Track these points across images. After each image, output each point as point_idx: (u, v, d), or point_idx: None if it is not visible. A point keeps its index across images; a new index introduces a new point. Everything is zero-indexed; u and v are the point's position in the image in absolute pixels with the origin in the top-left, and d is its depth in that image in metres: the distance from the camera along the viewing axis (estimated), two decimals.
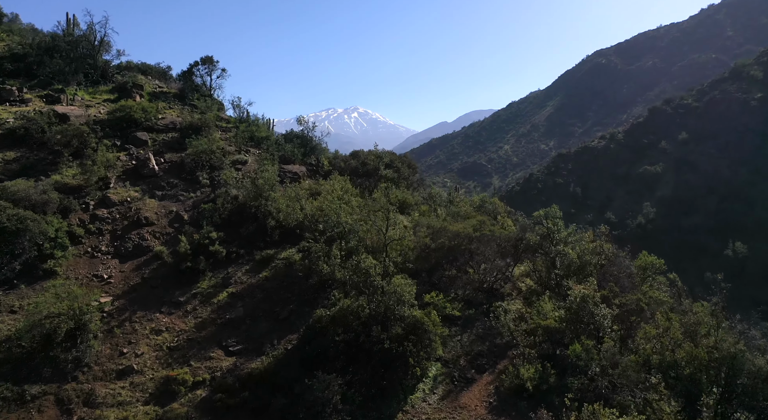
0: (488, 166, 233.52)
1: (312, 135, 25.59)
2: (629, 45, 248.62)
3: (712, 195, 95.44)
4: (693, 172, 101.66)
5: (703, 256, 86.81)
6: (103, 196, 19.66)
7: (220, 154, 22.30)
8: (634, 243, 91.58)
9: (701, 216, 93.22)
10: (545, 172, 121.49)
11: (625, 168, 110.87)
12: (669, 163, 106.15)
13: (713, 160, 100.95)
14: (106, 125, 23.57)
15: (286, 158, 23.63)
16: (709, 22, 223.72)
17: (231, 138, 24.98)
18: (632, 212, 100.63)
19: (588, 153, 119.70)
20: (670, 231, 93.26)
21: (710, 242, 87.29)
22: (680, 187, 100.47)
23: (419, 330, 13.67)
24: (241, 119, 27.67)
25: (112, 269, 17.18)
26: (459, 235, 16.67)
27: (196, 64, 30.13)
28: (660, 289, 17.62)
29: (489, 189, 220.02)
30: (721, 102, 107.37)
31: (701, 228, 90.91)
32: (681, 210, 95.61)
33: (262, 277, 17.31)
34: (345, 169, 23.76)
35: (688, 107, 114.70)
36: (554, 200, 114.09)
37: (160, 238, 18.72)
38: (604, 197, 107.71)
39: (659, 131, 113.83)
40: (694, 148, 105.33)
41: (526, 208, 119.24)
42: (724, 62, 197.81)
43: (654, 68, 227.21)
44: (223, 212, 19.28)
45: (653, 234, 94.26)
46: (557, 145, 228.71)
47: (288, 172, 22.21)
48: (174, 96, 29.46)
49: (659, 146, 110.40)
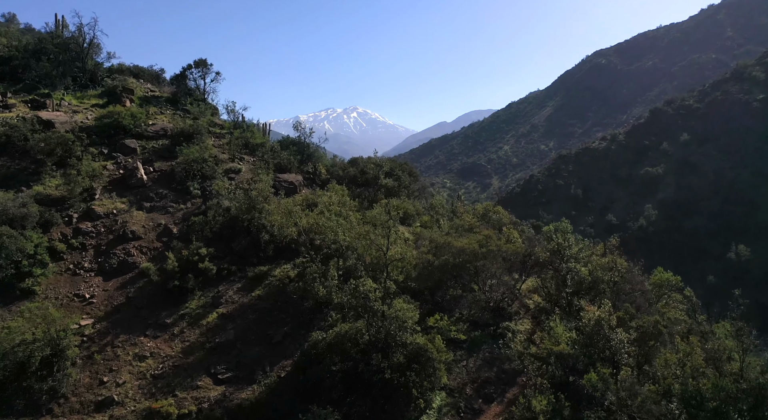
0: (488, 167, 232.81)
1: (309, 141, 24.56)
2: (629, 45, 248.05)
3: (715, 197, 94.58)
4: (695, 173, 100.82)
5: (706, 259, 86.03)
6: (88, 208, 18.63)
7: (212, 162, 21.28)
8: (636, 245, 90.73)
9: (703, 218, 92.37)
10: (546, 174, 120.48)
11: (626, 169, 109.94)
12: (670, 165, 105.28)
13: (715, 162, 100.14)
14: (93, 132, 22.52)
15: (281, 166, 22.60)
16: (709, 22, 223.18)
17: (224, 145, 23.94)
18: (633, 214, 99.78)
19: (589, 154, 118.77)
20: (672, 233, 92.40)
21: (713, 245, 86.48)
22: (682, 189, 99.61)
23: (423, 358, 12.68)
24: (236, 124, 26.64)
25: (95, 288, 16.15)
26: (464, 251, 15.68)
27: (190, 68, 29.09)
28: (677, 308, 16.66)
29: (488, 189, 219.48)
30: (723, 103, 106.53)
31: (703, 230, 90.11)
32: (683, 212, 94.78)
33: (255, 295, 16.30)
34: (343, 178, 22.77)
35: (689, 108, 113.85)
36: (555, 202, 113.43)
37: (147, 254, 17.69)
38: (605, 199, 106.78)
39: (660, 132, 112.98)
40: (695, 149, 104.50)
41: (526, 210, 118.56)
42: (724, 62, 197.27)
43: (654, 68, 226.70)
44: (215, 225, 18.27)
45: (655, 236, 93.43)
46: (557, 146, 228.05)
47: (284, 182, 21.17)
48: (166, 100, 28.42)
49: (661, 148, 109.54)
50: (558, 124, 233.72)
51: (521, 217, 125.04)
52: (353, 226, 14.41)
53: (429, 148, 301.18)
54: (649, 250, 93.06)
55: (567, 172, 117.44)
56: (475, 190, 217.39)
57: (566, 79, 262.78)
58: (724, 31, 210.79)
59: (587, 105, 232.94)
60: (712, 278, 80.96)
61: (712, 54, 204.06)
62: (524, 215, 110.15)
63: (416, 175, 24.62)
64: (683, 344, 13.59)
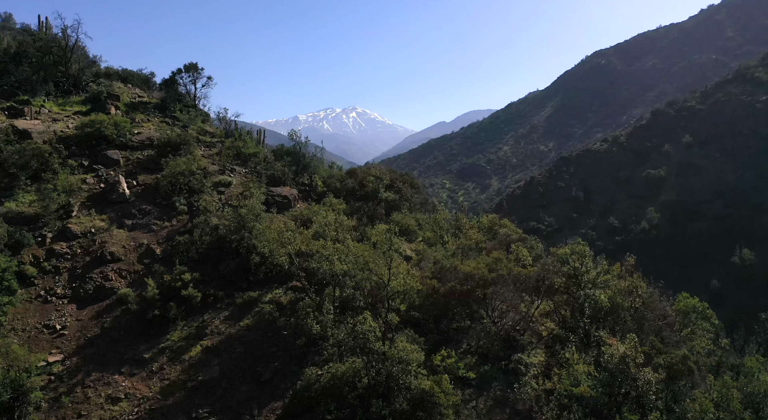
0: (487, 168, 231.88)
1: (305, 151, 23.14)
2: (629, 45, 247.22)
3: (718, 200, 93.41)
4: (697, 176, 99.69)
5: (709, 262, 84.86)
6: (64, 226, 17.20)
7: (200, 175, 19.86)
8: (639, 249, 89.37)
9: (706, 222, 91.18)
10: (546, 176, 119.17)
11: (627, 172, 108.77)
12: (673, 167, 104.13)
13: (718, 165, 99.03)
14: (73, 142, 21.10)
15: (275, 178, 21.18)
16: (709, 22, 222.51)
17: (215, 155, 22.51)
18: (636, 217, 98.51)
19: (590, 156, 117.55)
20: (675, 237, 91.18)
21: (716, 249, 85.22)
22: (685, 192, 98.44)
23: (428, 403, 11.29)
24: (227, 132, 25.20)
25: (68, 317, 14.72)
26: (472, 277, 14.31)
27: (180, 72, 27.61)
28: (703, 336, 15.32)
29: (488, 190, 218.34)
30: (726, 105, 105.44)
31: (706, 234, 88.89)
32: (686, 215, 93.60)
33: (243, 325, 14.90)
34: (341, 191, 21.36)
35: (691, 110, 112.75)
36: (556, 204, 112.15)
37: (126, 278, 16.27)
38: (607, 201, 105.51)
39: (662, 134, 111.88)
40: (698, 151, 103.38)
41: (527, 212, 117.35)
42: (724, 63, 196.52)
43: (654, 69, 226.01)
44: (201, 246, 16.86)
45: (657, 240, 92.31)
46: (557, 147, 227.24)
47: (277, 196, 19.75)
48: (155, 107, 26.96)
49: (663, 150, 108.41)
50: (558, 124, 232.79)
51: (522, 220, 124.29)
52: (351, 250, 13.03)
53: (428, 148, 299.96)
54: (652, 253, 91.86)
55: (568, 174, 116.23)
56: (475, 190, 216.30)
57: (566, 79, 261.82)
58: (724, 31, 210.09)
59: (587, 105, 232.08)
60: (716, 283, 79.76)
61: (713, 54, 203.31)
62: (525, 218, 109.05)
63: (418, 187, 23.26)
64: (717, 384, 12.26)
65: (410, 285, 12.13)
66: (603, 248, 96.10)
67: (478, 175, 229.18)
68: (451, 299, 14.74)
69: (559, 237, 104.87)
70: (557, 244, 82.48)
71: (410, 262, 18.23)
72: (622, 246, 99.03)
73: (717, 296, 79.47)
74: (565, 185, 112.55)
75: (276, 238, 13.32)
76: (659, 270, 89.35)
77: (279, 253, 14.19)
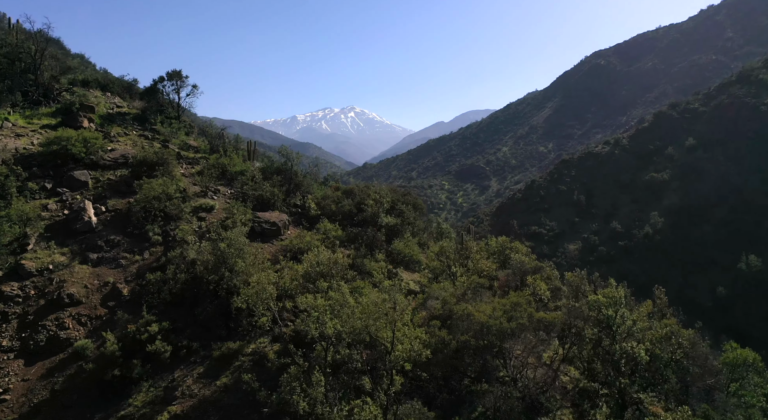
0: (486, 169, 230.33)
1: (297, 168, 20.93)
2: (628, 46, 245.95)
3: (722, 204, 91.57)
4: (701, 180, 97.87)
5: (714, 269, 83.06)
6: (16, 263, 14.96)
7: (179, 199, 17.61)
8: (642, 255, 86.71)
9: (711, 226, 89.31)
10: (548, 179, 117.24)
11: (630, 175, 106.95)
12: (676, 171, 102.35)
13: (722, 168, 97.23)
14: (36, 161, 18.84)
15: (264, 201, 18.97)
16: (709, 23, 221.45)
17: (197, 175, 20.28)
18: (639, 222, 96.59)
19: (591, 159, 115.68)
20: (679, 242, 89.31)
21: (721, 255, 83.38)
22: (688, 196, 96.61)
23: None
24: (212, 147, 22.92)
25: (12, 377, 12.49)
26: (488, 328, 12.18)
27: (162, 80, 25.33)
28: (754, 392, 13.22)
29: (487, 191, 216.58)
30: (730, 107, 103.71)
31: (711, 239, 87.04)
32: (690, 220, 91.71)
33: (221, 385, 12.69)
34: (336, 214, 19.17)
35: (694, 112, 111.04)
36: (557, 208, 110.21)
37: (86, 325, 14.05)
38: (609, 205, 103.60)
39: (665, 137, 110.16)
40: (702, 154, 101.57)
41: (528, 216, 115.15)
42: (724, 64, 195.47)
43: (653, 70, 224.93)
44: (175, 286, 14.66)
45: (661, 245, 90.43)
46: (556, 148, 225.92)
47: (265, 223, 17.53)
48: (134, 118, 24.69)
49: (665, 152, 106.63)
50: (557, 125, 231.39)
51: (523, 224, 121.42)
52: (346, 302, 10.88)
53: (427, 148, 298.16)
54: (656, 259, 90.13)
55: (569, 177, 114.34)
56: (474, 192, 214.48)
57: (565, 80, 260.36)
58: (724, 32, 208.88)
59: (586, 106, 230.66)
60: (723, 290, 77.94)
61: (713, 55, 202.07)
62: (526, 222, 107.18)
63: (422, 209, 21.07)
64: None
65: (417, 349, 9.98)
66: (605, 254, 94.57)
67: (477, 176, 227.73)
68: (464, 354, 12.60)
69: (561, 241, 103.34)
70: (559, 248, 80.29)
71: (414, 298, 16.10)
72: (625, 251, 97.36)
73: (724, 304, 77.86)
74: (567, 188, 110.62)
75: (255, 293, 11.11)
76: (663, 276, 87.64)
77: (260, 310, 12.01)
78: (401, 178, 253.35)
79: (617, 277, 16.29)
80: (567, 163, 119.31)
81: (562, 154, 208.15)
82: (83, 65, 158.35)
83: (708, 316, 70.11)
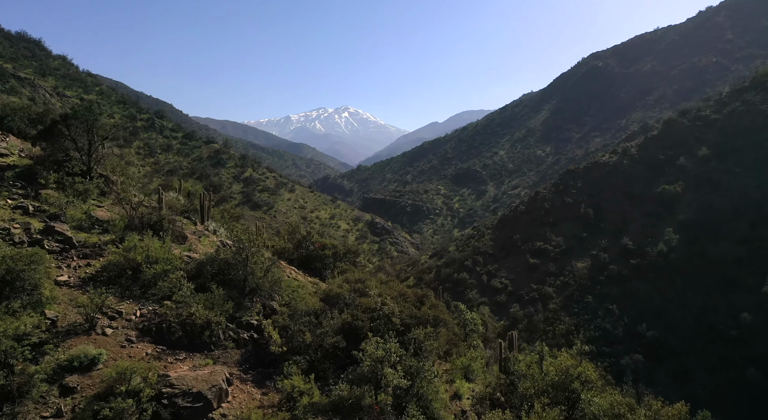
0: (483, 173, 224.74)
1: (258, 258, 13.35)
2: (626, 48, 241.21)
3: (740, 219, 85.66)
4: (717, 192, 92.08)
5: (737, 291, 76.87)
6: None
7: (28, 351, 9.70)
8: (657, 274, 79.18)
9: (730, 244, 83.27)
10: (552, 191, 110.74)
11: (640, 186, 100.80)
12: (689, 182, 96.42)
13: (739, 180, 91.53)
14: None
15: (193, 331, 11.29)
16: (709, 24, 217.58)
17: (89, 280, 12.56)
18: (652, 238, 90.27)
19: (598, 169, 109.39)
20: (695, 260, 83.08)
21: (743, 275, 77.34)
22: (704, 210, 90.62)
23: None
24: (130, 222, 14.81)
25: None
26: None
27: (64, 119, 17.26)
28: None
29: (484, 196, 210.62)
30: (745, 114, 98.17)
31: (731, 258, 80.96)
32: (706, 236, 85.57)
33: None
34: (313, 347, 11.75)
35: (706, 119, 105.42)
36: (563, 222, 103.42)
37: None
38: (619, 220, 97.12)
39: (676, 146, 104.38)
40: (717, 165, 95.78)
41: (532, 230, 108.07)
42: (725, 66, 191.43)
43: (652, 72, 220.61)
44: None
45: (677, 264, 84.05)
46: (554, 151, 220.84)
47: (179, 396, 9.70)
48: (19, 175, 16.77)
49: (677, 163, 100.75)
50: (554, 128, 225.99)
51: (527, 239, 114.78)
52: None
53: (422, 151, 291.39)
54: (672, 279, 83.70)
55: (575, 188, 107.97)
56: (470, 197, 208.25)
57: (562, 81, 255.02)
58: (724, 33, 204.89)
59: (584, 109, 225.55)
60: (747, 316, 71.78)
61: (713, 57, 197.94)
62: (530, 237, 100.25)
63: (448, 323, 13.42)
64: None
65: None
66: (616, 273, 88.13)
67: (473, 180, 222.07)
68: None
69: (568, 258, 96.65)
70: (566, 267, 71.86)
71: None
72: (638, 270, 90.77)
73: (749, 331, 71.59)
74: (573, 201, 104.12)
75: None
76: (680, 298, 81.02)
77: None
78: (396, 182, 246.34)
79: (629, 299, 9.91)
80: (572, 173, 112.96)
81: (561, 158, 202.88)
82: (65, 67, 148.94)
83: (731, 346, 64.01)
